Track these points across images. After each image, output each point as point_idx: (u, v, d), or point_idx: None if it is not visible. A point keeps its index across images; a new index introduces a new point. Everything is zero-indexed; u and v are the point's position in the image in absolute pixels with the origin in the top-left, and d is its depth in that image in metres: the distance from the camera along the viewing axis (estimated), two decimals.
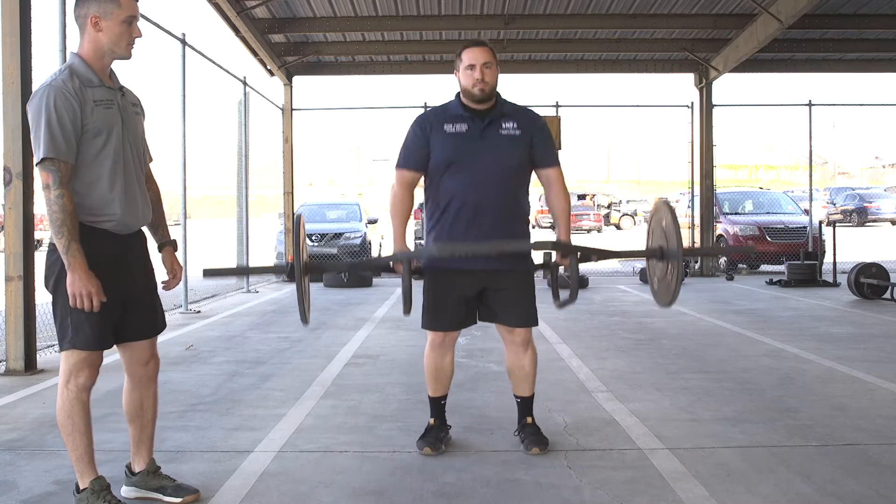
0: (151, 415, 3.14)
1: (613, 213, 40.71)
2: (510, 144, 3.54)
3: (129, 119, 2.94)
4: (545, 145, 3.63)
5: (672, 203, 4.23)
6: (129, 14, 2.83)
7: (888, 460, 3.51)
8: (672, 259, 3.29)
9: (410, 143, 3.62)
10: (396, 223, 3.63)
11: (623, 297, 10.43)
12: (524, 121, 3.61)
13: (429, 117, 3.63)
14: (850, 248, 16.25)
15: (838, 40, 13.11)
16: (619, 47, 13.32)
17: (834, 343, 6.61)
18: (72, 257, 2.72)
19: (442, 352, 3.73)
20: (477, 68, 3.50)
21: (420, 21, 12.02)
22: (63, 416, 2.88)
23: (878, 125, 66.83)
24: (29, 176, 5.72)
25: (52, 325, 7.12)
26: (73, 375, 2.87)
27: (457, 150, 3.51)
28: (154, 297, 3.11)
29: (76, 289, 2.73)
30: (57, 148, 2.71)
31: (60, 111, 2.71)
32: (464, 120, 3.56)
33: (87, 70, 2.83)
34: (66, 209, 2.71)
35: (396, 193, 3.63)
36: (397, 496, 3.14)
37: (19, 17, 5.65)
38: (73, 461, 2.91)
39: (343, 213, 15.40)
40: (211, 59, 10.27)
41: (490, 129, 3.54)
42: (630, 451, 3.69)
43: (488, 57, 3.53)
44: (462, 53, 3.58)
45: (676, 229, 3.27)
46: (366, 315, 8.77)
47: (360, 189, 55.40)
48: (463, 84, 3.57)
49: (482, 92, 3.51)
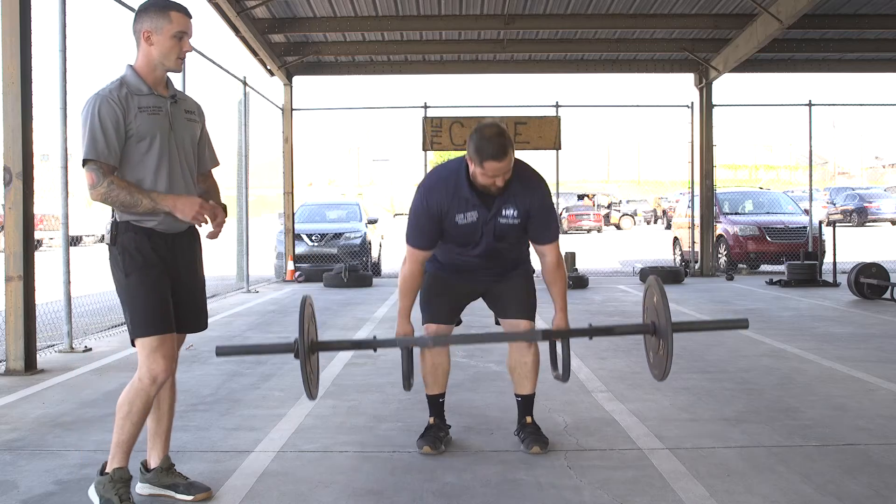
0: (167, 409, 3.19)
1: (613, 212, 40.75)
2: (508, 230, 3.56)
3: (179, 125, 3.07)
4: (541, 223, 3.58)
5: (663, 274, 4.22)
6: (179, 29, 2.97)
7: (888, 460, 3.50)
8: (662, 336, 3.37)
9: (424, 226, 3.53)
10: (405, 301, 3.64)
11: (623, 297, 10.43)
12: (523, 204, 3.51)
13: (441, 201, 3.49)
14: (850, 248, 16.25)
15: (838, 40, 13.11)
16: (619, 47, 13.32)
17: (834, 343, 6.61)
18: (160, 200, 2.91)
19: (438, 348, 3.74)
20: (499, 178, 3.39)
21: (420, 21, 12.02)
22: (124, 399, 2.97)
23: (878, 125, 66.84)
24: (29, 176, 5.73)
25: (51, 325, 7.07)
26: (147, 367, 2.94)
27: (465, 238, 3.56)
28: (199, 297, 3.19)
29: (188, 211, 2.93)
30: (97, 151, 2.87)
31: (104, 117, 2.88)
32: (475, 208, 3.49)
33: (137, 80, 2.99)
34: (123, 188, 2.89)
35: (410, 271, 3.61)
36: (397, 496, 3.14)
37: (19, 17, 5.65)
38: (113, 444, 2.98)
39: (343, 213, 15.40)
40: (211, 59, 10.28)
41: (493, 218, 3.51)
42: (630, 451, 3.69)
43: (506, 167, 3.35)
44: (484, 162, 3.32)
45: (666, 308, 3.36)
46: (366, 315, 8.77)
47: (360, 189, 55.44)
48: (479, 181, 3.42)
49: (497, 191, 3.44)
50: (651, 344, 3.54)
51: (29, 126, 5.70)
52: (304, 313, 3.50)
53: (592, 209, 35.84)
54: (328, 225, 14.49)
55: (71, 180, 6.36)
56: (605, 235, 32.49)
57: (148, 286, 2.94)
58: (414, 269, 3.61)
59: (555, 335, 3.55)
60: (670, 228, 21.37)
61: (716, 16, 12.01)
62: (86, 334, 7.27)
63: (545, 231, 3.59)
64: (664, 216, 39.54)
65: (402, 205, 35.20)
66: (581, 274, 12.20)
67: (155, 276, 2.95)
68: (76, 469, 3.47)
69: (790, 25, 10.79)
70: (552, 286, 3.62)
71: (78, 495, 3.14)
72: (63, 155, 6.28)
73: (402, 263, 3.67)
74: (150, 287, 2.94)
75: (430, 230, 3.53)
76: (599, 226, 34.68)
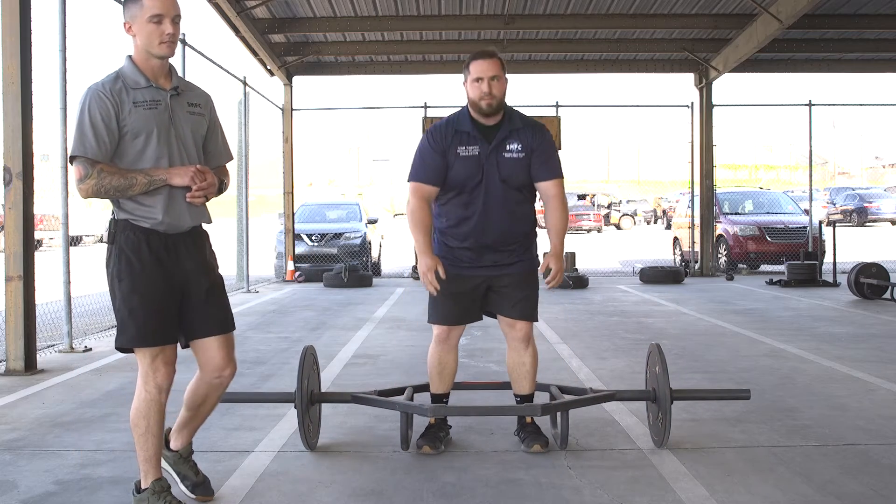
0: (207, 411, 3.16)
1: (613, 213, 40.75)
2: (513, 166, 3.58)
3: (180, 119, 2.94)
4: (544, 159, 3.61)
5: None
6: (153, 13, 2.83)
7: (888, 460, 3.50)
8: (662, 407, 3.59)
9: (428, 159, 3.59)
10: (419, 236, 3.55)
11: (623, 297, 10.43)
12: (527, 139, 3.60)
13: (445, 135, 3.60)
14: (850, 248, 16.25)
15: (838, 40, 13.12)
16: (619, 47, 13.32)
17: (834, 343, 6.61)
18: (155, 173, 2.81)
19: (446, 347, 3.74)
20: (485, 81, 3.50)
21: (420, 21, 12.02)
22: (138, 416, 2.87)
23: (878, 125, 66.77)
24: (29, 176, 5.73)
25: (51, 325, 7.06)
26: (149, 375, 2.86)
27: (469, 174, 3.56)
28: (216, 295, 3.03)
29: (184, 176, 2.84)
30: (85, 147, 2.77)
31: (93, 112, 2.78)
32: (475, 141, 3.56)
33: (135, 72, 2.88)
34: (113, 172, 2.78)
35: (415, 206, 3.57)
36: (397, 496, 3.14)
37: (19, 17, 5.65)
38: (141, 461, 2.90)
39: (343, 213, 15.40)
40: (211, 59, 10.28)
41: (496, 151, 3.56)
42: (630, 451, 3.69)
43: (496, 70, 3.52)
44: (470, 64, 3.56)
45: (666, 377, 3.59)
46: (366, 315, 8.77)
47: (360, 189, 55.39)
48: (470, 96, 3.57)
49: (489, 106, 3.53)
50: (651, 409, 3.78)
51: (29, 126, 5.71)
52: (304, 363, 3.56)
53: (592, 209, 35.81)
54: (328, 225, 14.50)
55: (71, 180, 6.35)
56: (605, 235, 32.48)
57: (140, 294, 2.81)
58: (418, 203, 3.57)
59: (554, 408, 3.63)
60: (670, 228, 21.37)
61: (716, 16, 12.01)
62: (86, 334, 7.28)
63: (547, 164, 3.61)
64: (664, 216, 39.55)
65: (402, 205, 35.42)
66: (581, 274, 12.20)
67: (149, 283, 2.82)
68: (76, 469, 3.46)
69: (790, 25, 10.79)
70: (550, 221, 3.64)
71: (78, 495, 3.14)
72: (63, 155, 6.28)
73: (407, 204, 3.64)
74: (143, 295, 2.81)
75: (433, 162, 3.57)
76: (599, 226, 34.67)
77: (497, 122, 3.60)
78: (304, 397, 3.58)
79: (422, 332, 7.41)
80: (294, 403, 3.61)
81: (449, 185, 3.59)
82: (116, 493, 3.15)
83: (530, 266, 3.73)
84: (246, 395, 4.09)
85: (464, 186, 3.57)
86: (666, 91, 64.62)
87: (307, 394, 3.61)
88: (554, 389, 3.93)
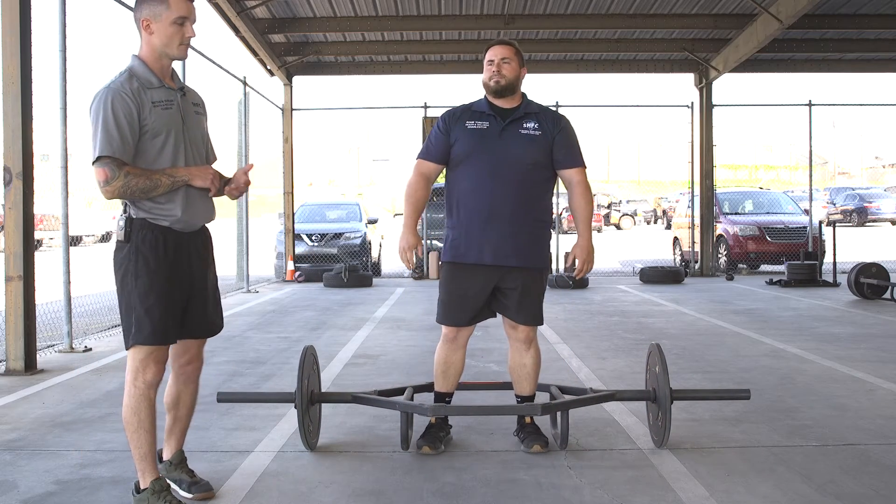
0: (186, 410, 3.17)
1: (613, 213, 40.72)
2: (528, 143, 3.60)
3: (190, 119, 2.97)
4: (566, 145, 3.67)
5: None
6: (179, 15, 2.85)
7: (888, 460, 3.51)
8: (662, 407, 3.61)
9: (433, 137, 3.73)
10: (409, 210, 3.70)
11: (623, 297, 10.43)
12: (546, 122, 3.66)
13: (455, 113, 3.73)
14: (850, 248, 16.25)
15: (838, 40, 13.12)
16: (619, 47, 13.32)
17: (834, 343, 6.61)
18: (177, 173, 2.85)
19: (454, 347, 3.74)
20: (495, 63, 3.63)
21: (420, 21, 12.02)
22: (129, 413, 2.88)
23: (878, 125, 66.85)
24: (29, 176, 5.73)
25: (51, 325, 7.07)
26: (140, 372, 2.87)
27: (475, 146, 3.61)
28: (216, 300, 3.10)
29: (205, 177, 2.90)
30: (112, 147, 2.76)
31: (117, 111, 2.77)
32: (486, 118, 3.65)
33: (146, 71, 2.88)
34: (140, 174, 2.79)
35: (412, 181, 3.72)
36: (397, 496, 3.14)
37: (19, 17, 5.65)
38: (136, 459, 2.91)
39: (343, 213, 15.40)
40: (211, 59, 10.28)
41: (510, 127, 3.62)
42: (630, 450, 3.69)
43: (507, 53, 3.64)
44: (486, 51, 3.70)
45: (666, 377, 3.61)
46: (366, 315, 8.77)
47: (360, 189, 55.43)
48: (483, 78, 3.68)
49: (497, 84, 3.61)
50: (651, 409, 3.80)
51: (29, 126, 5.70)
52: (304, 363, 3.57)
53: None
54: (328, 225, 14.50)
55: (71, 180, 6.36)
56: (605, 235, 32.46)
57: (157, 293, 2.83)
58: (417, 179, 3.70)
59: (554, 408, 3.65)
60: (670, 228, 21.37)
61: (716, 16, 12.01)
62: (86, 334, 7.27)
63: (570, 151, 3.67)
64: (664, 216, 39.54)
65: (401, 205, 35.26)
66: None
67: (165, 282, 2.85)
68: (76, 469, 3.46)
69: (790, 25, 10.79)
70: (575, 209, 3.72)
71: (78, 495, 3.14)
72: (63, 155, 6.28)
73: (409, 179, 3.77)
74: (160, 294, 2.84)
75: (437, 142, 3.69)
76: (599, 226, 34.62)
77: (514, 105, 3.68)
78: (304, 397, 3.58)
79: (422, 332, 7.41)
80: (294, 403, 3.62)
81: (457, 157, 3.65)
82: (116, 493, 3.15)
83: (539, 268, 3.71)
84: (246, 395, 4.10)
85: (469, 156, 3.62)
86: (666, 91, 64.74)
87: (307, 394, 3.62)
88: (554, 389, 3.94)
